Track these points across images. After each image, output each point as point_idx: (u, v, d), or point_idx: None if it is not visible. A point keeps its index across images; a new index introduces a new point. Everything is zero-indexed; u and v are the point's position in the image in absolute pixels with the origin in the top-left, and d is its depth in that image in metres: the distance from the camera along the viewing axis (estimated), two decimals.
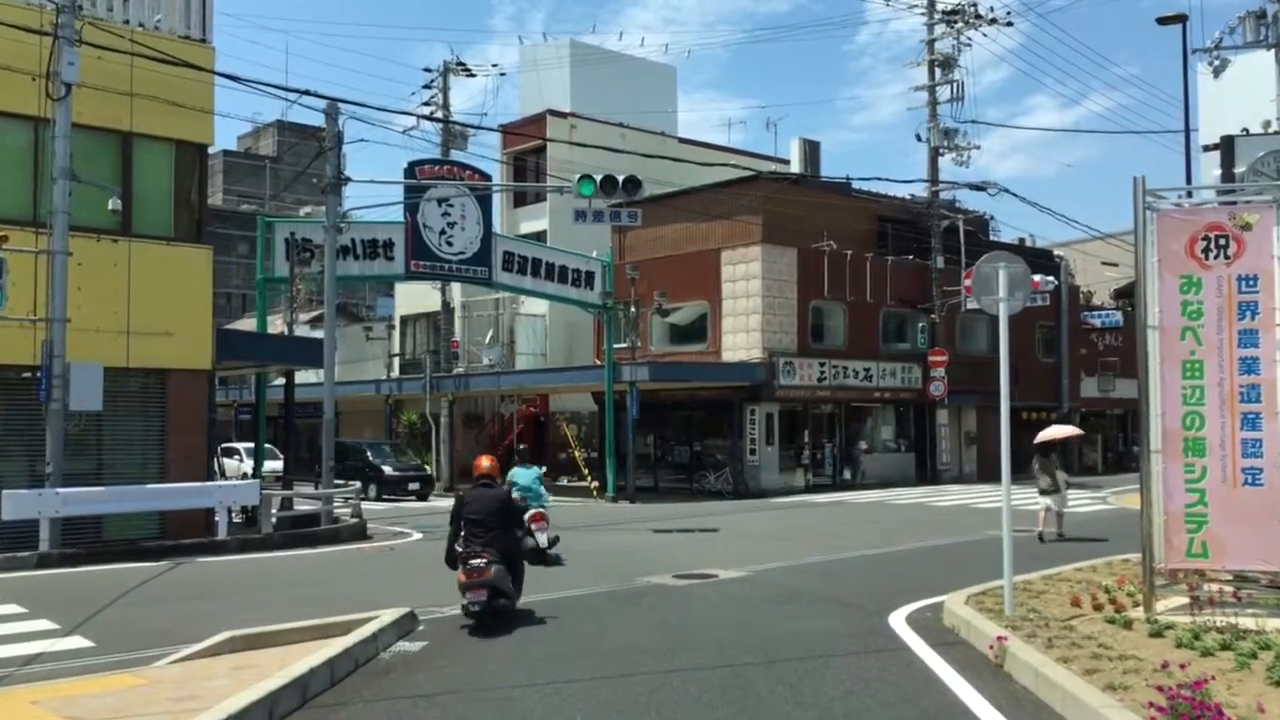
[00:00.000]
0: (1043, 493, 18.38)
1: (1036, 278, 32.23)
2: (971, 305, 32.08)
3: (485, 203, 26.87)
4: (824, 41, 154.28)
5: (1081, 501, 25.33)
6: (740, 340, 30.27)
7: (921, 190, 34.53)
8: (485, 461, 10.97)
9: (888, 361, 32.64)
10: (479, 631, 9.78)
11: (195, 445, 17.59)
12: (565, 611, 10.95)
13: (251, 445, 36.34)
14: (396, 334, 42.31)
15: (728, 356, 30.44)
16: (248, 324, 61.50)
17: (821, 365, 30.71)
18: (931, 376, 33.32)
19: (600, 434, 33.19)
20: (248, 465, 33.62)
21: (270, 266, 23.81)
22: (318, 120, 21.24)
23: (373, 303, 52.91)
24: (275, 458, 34.41)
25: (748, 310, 30.15)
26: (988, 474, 35.39)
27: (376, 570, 14.67)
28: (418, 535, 19.43)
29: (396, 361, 41.65)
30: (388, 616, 9.92)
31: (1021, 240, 40.15)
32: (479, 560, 9.99)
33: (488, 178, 27.38)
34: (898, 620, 10.54)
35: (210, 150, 18.78)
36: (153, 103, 17.32)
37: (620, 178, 19.41)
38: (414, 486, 29.48)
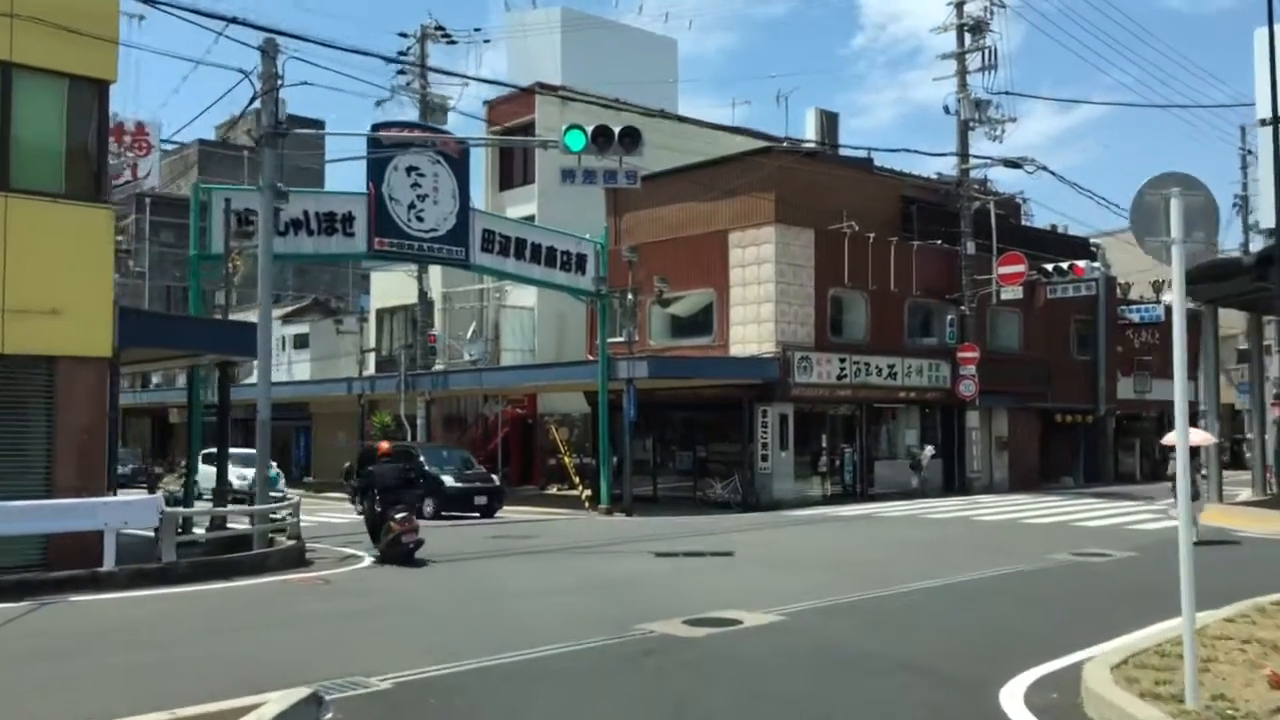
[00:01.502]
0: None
1: (1081, 264, 29.00)
2: (1008, 295, 28.88)
3: (461, 174, 23.51)
4: (820, 42, 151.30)
5: (1141, 517, 21.99)
6: (750, 333, 26.93)
7: (949, 168, 31.23)
8: (385, 445, 18.09)
9: (914, 358, 29.31)
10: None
11: (90, 451, 14.19)
12: (537, 684, 7.65)
13: (243, 452, 32.91)
14: (372, 328, 38.92)
15: (736, 351, 27.10)
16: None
17: (841, 361, 27.37)
18: (961, 375, 30.00)
19: (593, 438, 29.82)
20: (235, 473, 30.20)
21: (206, 243, 20.45)
22: (299, 109, 18.02)
23: (344, 294, 49.53)
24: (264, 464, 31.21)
25: (759, 299, 26.81)
26: (1021, 483, 32.09)
27: (296, 614, 11.30)
28: (369, 560, 16.06)
29: (371, 358, 38.28)
30: (272, 708, 6.64)
31: (1053, 227, 36.88)
32: (403, 513, 15.24)
33: (466, 149, 24.04)
34: (1013, 702, 7.33)
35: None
36: (39, 26, 13.94)
37: (616, 129, 16.08)
38: (480, 501, 23.78)
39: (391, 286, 36.47)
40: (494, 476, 25.41)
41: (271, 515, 16.36)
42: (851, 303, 28.75)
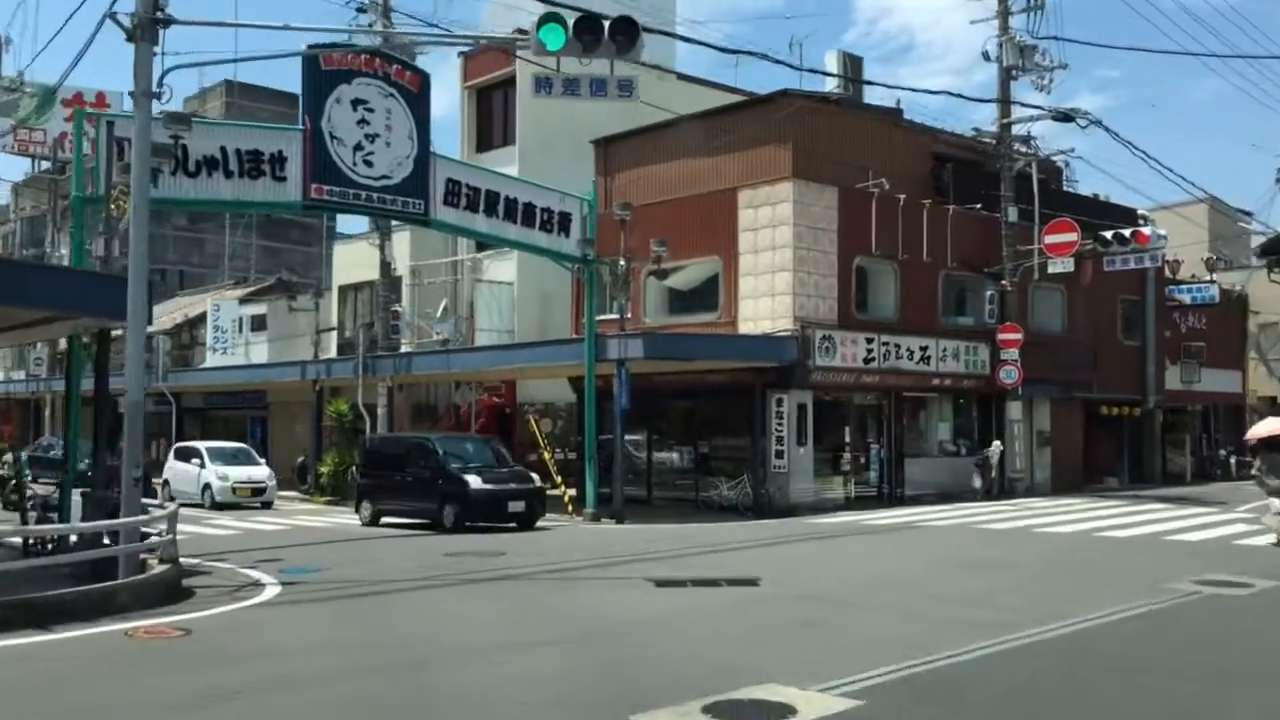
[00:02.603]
0: (1273, 493, 15.89)
1: (1146, 230, 25.15)
2: (1056, 268, 25.03)
3: (420, 111, 19.45)
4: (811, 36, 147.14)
5: (1238, 529, 18.11)
6: (763, 308, 22.98)
7: (986, 123, 27.33)
8: None
9: (949, 339, 25.39)
10: None
11: None
12: None
13: (226, 446, 28.14)
14: (333, 306, 34.82)
15: (746, 329, 23.17)
16: (180, 304, 53.84)
17: (869, 342, 23.43)
18: (1002, 359, 26.09)
19: (579, 430, 25.90)
20: (216, 472, 25.75)
21: (93, 183, 16.36)
22: (273, 80, 14.39)
23: (317, 277, 45.33)
24: (250, 461, 26.64)
25: (773, 267, 22.86)
26: (1064, 484, 28.23)
27: (93, 702, 7.29)
28: (272, 589, 12.10)
29: (333, 339, 34.19)
30: None
31: (1095, 196, 32.97)
32: None
33: (426, 80, 19.97)
34: None
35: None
36: None
37: (606, 23, 12.10)
38: (516, 508, 18.96)
39: (357, 259, 32.40)
40: (533, 476, 20.41)
41: (146, 530, 12.34)
42: (880, 274, 24.82)
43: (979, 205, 26.35)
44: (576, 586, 12.57)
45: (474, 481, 18.96)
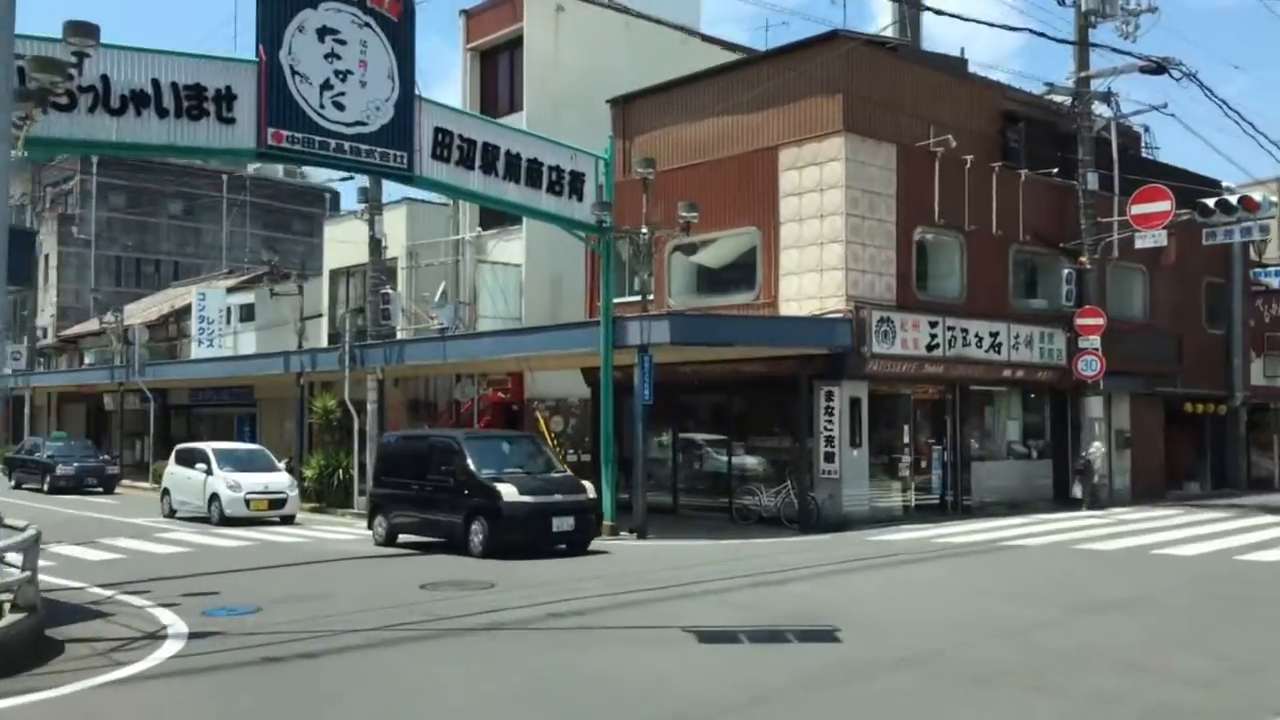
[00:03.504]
0: None
1: (1257, 195, 21.65)
2: (1146, 242, 21.56)
3: (403, 44, 16.17)
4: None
5: None
6: (809, 285, 19.62)
7: (1056, 78, 23.86)
8: None
9: (1021, 324, 21.95)
10: None
11: None
12: None
13: (235, 448, 23.65)
14: (324, 292, 31.65)
15: (788, 310, 19.81)
16: (169, 295, 50.82)
17: (932, 326, 20.03)
18: (1081, 348, 22.63)
19: (594, 429, 22.62)
20: (225, 480, 21.12)
21: None
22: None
23: (318, 267, 42.10)
24: (265, 466, 22.22)
25: (821, 238, 19.49)
26: (1144, 491, 24.74)
27: None
28: (173, 643, 8.85)
29: (322, 329, 31.03)
30: None
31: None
32: None
33: (409, 8, 16.67)
34: None
35: None
36: None
37: None
38: (563, 526, 15.06)
39: (349, 239, 29.18)
40: (586, 485, 16.10)
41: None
42: (943, 248, 21.42)
43: (1055, 170, 22.87)
44: (587, 640, 9.24)
45: (508, 492, 14.84)
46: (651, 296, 19.40)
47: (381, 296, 24.23)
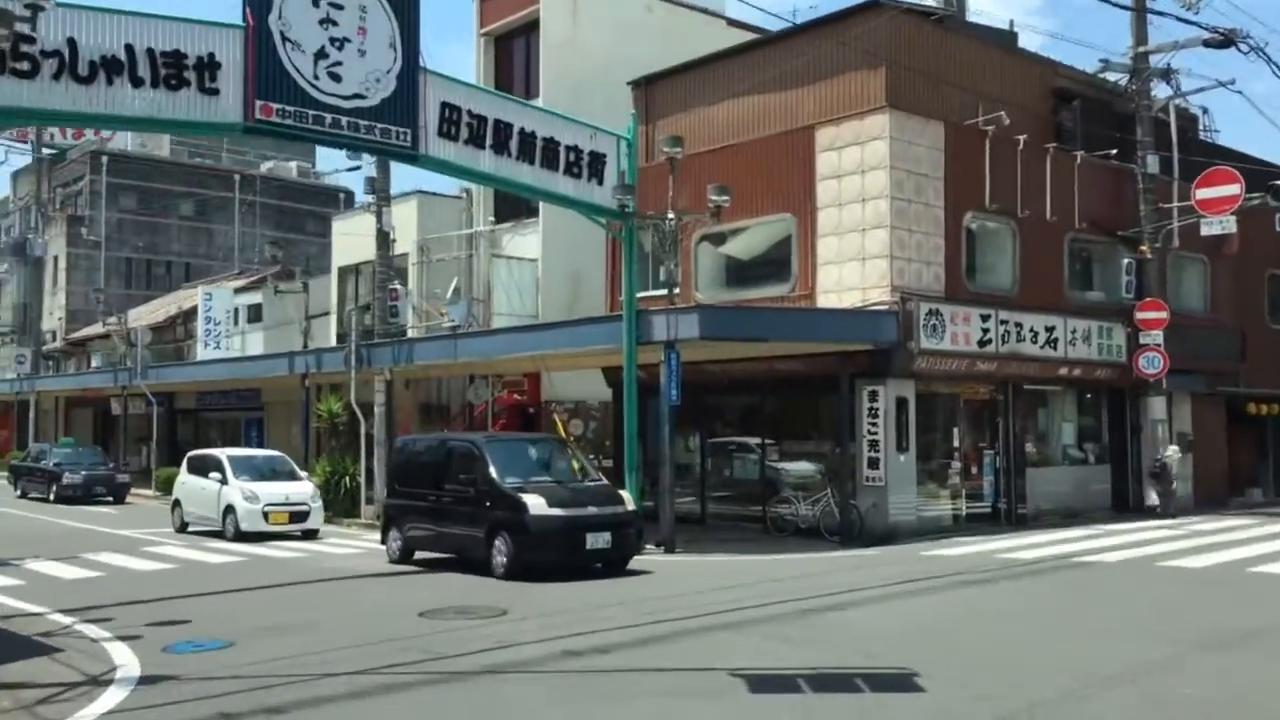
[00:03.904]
0: None
1: None
2: (1213, 229, 19.86)
3: (405, 10, 14.69)
4: None
5: None
6: (850, 275, 18.01)
7: (1114, 55, 22.17)
8: None
9: (1078, 318, 20.27)
10: None
11: None
12: None
13: (252, 454, 21.86)
14: (332, 290, 30.24)
15: (826, 303, 18.21)
16: (178, 296, 49.63)
17: (984, 319, 18.38)
18: (1142, 344, 20.93)
19: (616, 433, 21.11)
20: (242, 490, 19.01)
21: None
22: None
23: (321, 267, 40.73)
24: (286, 474, 20.22)
25: (862, 224, 17.88)
26: (1206, 497, 22.97)
27: None
28: (116, 692, 7.37)
29: (330, 328, 29.63)
30: None
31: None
32: None
33: None
34: None
35: None
36: None
37: None
38: (599, 543, 13.21)
39: (359, 232, 27.74)
40: (624, 495, 14.54)
41: None
42: (994, 235, 19.77)
43: (1115, 151, 21.18)
44: (611, 686, 7.69)
45: (535, 504, 13.07)
46: (678, 290, 17.82)
47: (389, 292, 22.76)
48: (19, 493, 30.46)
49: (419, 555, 15.04)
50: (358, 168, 24.47)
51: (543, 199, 18.85)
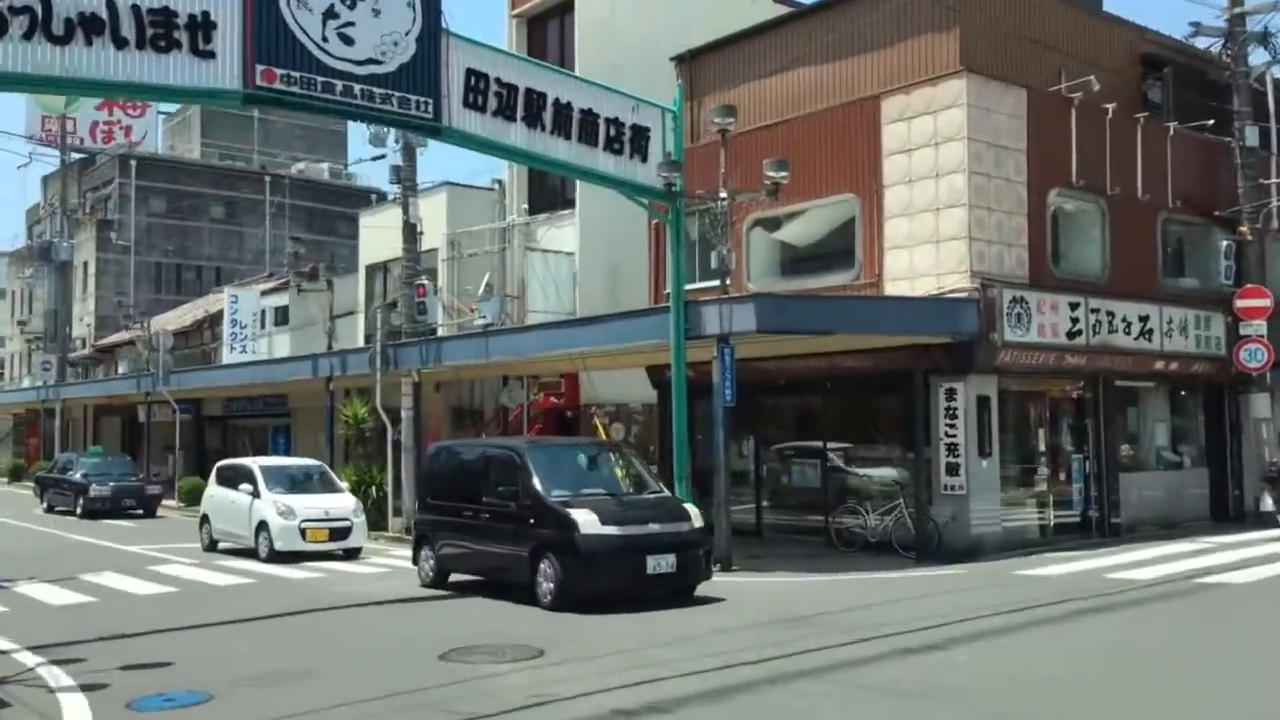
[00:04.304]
0: None
1: None
2: None
3: None
4: None
5: None
6: (922, 260, 16.16)
7: (1206, 18, 20.16)
8: None
9: (1174, 306, 18.29)
10: None
11: None
12: None
13: (286, 464, 19.58)
14: (360, 289, 28.79)
15: (895, 291, 16.37)
16: (207, 301, 48.54)
17: (1073, 308, 16.48)
18: (1243, 335, 18.92)
19: (661, 438, 19.41)
20: (276, 504, 17.01)
21: None
22: None
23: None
24: (324, 485, 18.30)
25: (936, 203, 16.04)
26: None
27: None
28: None
29: (358, 329, 28.19)
30: None
31: None
32: None
33: None
34: None
35: None
36: None
37: None
38: (661, 566, 11.27)
39: (387, 230, 26.24)
40: (689, 509, 12.26)
41: None
42: (1081, 215, 17.84)
43: (1211, 122, 19.17)
44: None
45: (586, 521, 11.23)
46: (732, 270, 16.05)
47: (416, 288, 21.20)
48: (45, 506, 28.93)
49: (455, 578, 13.36)
50: (382, 157, 22.94)
51: (580, 178, 17.17)
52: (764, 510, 18.65)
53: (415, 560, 13.95)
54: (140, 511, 26.64)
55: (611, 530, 11.24)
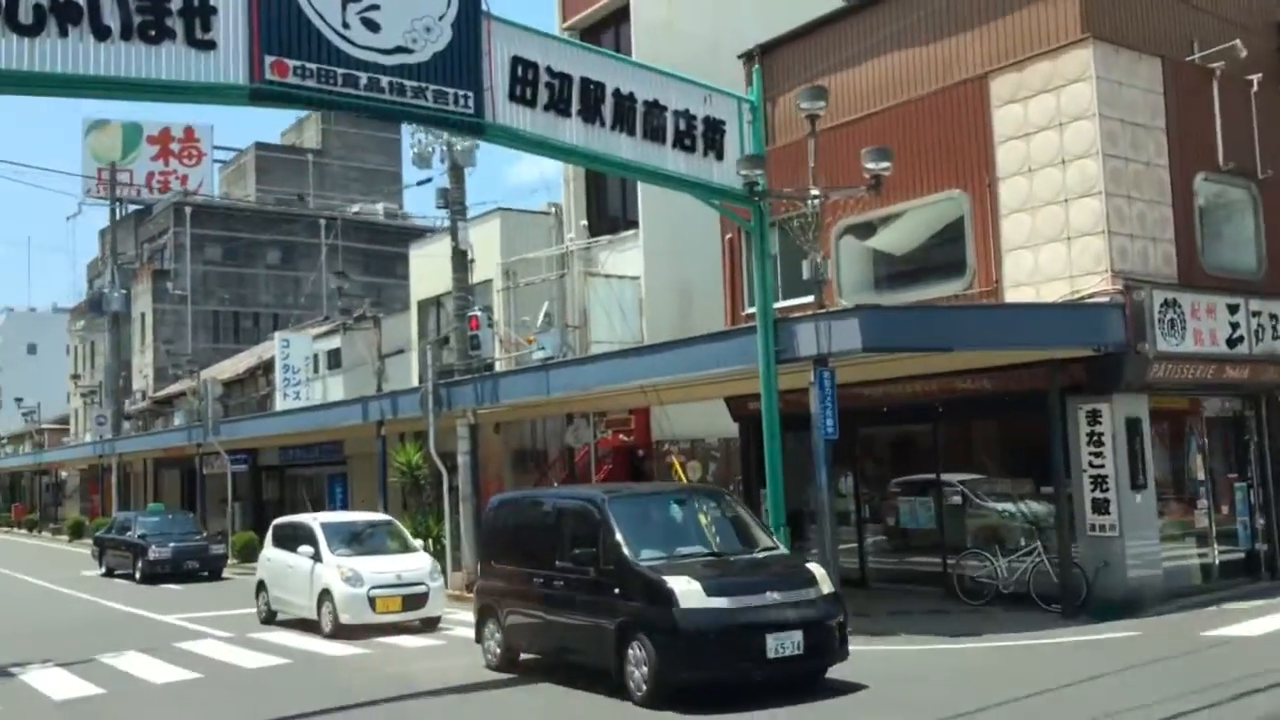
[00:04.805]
0: None
1: None
2: None
3: None
4: None
5: None
6: (1050, 261, 13.82)
7: None
8: None
9: None
10: None
11: None
12: None
13: (351, 520, 17.43)
14: (412, 325, 27.07)
15: (1017, 298, 14.03)
16: (265, 348, 47.45)
17: (1232, 310, 14.00)
18: None
19: (746, 477, 17.23)
20: (340, 569, 14.57)
21: None
22: None
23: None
24: (395, 544, 15.92)
25: (1063, 193, 13.71)
26: None
27: None
28: None
29: (411, 368, 26.41)
30: None
31: None
32: None
33: None
34: None
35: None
36: None
37: None
38: (784, 647, 8.88)
39: (438, 264, 24.48)
40: (815, 571, 9.79)
41: None
42: (1229, 203, 15.37)
43: None
44: None
45: (686, 591, 8.93)
46: (826, 280, 13.86)
47: (468, 320, 19.32)
48: (103, 569, 26.93)
49: (526, 657, 11.20)
50: (429, 180, 21.29)
51: (646, 179, 15.09)
52: (868, 555, 16.31)
53: (478, 638, 11.78)
54: (205, 574, 24.51)
55: (719, 603, 8.89)
